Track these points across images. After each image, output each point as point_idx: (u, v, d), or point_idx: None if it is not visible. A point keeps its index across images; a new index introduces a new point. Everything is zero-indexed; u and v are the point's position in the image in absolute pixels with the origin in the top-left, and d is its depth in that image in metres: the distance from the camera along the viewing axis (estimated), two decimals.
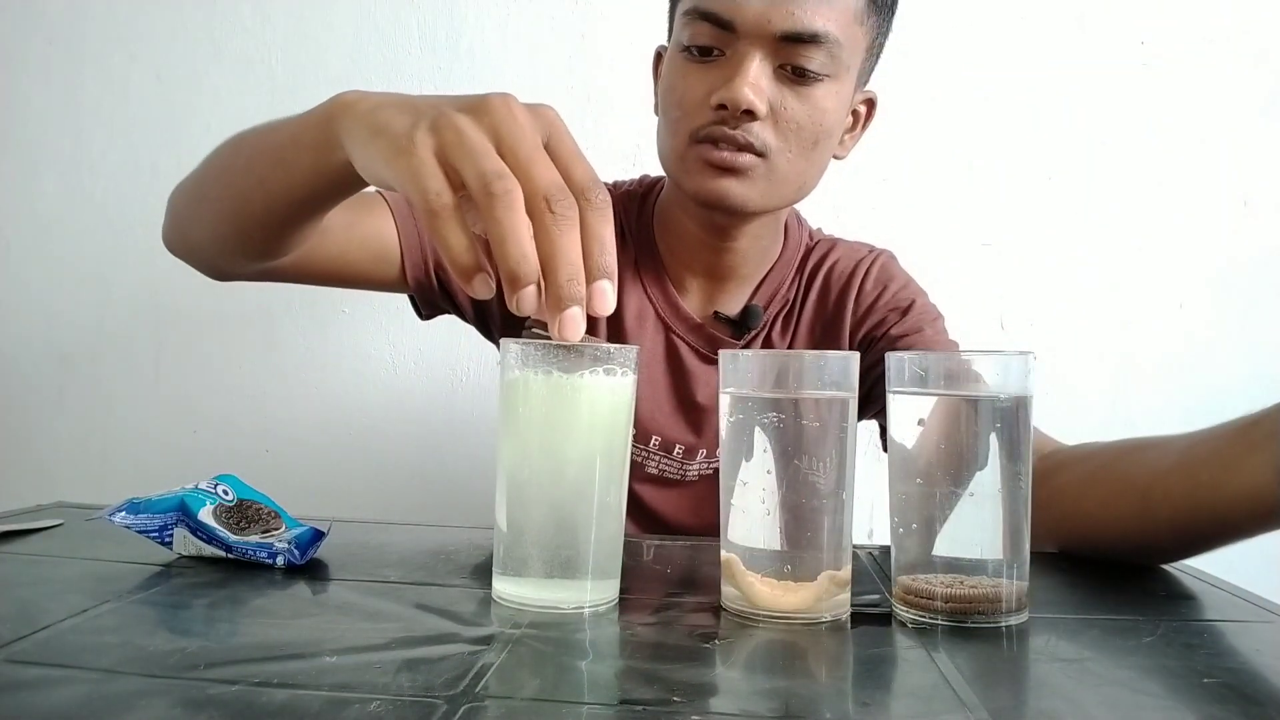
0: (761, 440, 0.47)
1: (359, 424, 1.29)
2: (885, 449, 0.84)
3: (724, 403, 0.50)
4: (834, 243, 0.92)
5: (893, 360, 0.50)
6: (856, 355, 0.49)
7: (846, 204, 1.27)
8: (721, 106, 0.72)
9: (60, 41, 1.37)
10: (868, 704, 0.37)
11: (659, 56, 0.85)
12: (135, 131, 1.35)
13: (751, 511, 0.48)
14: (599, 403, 0.48)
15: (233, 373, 1.34)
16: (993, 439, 0.47)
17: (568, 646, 0.43)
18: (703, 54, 0.74)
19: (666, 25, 0.83)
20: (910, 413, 0.49)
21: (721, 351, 0.50)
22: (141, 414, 1.35)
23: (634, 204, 0.90)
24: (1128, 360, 1.26)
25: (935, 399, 0.48)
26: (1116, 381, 1.27)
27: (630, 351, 0.50)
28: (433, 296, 0.85)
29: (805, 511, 0.47)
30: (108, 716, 0.33)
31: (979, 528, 0.47)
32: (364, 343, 1.30)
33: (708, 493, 0.87)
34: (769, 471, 0.47)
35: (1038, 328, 1.27)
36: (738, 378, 0.49)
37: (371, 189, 0.80)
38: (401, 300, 0.87)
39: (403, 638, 0.43)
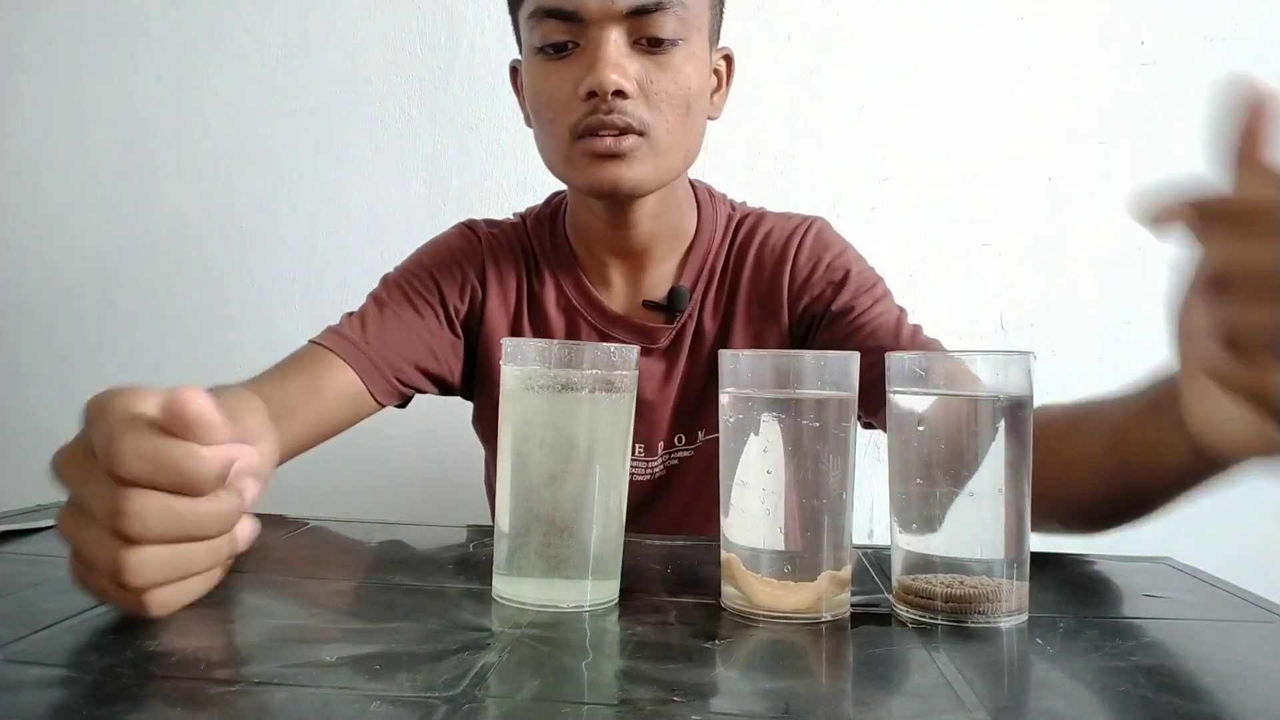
0: (761, 440, 0.47)
1: (359, 423, 1.29)
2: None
3: (724, 402, 0.50)
4: (763, 214, 0.90)
5: (893, 360, 0.50)
6: (856, 355, 0.49)
7: (847, 204, 1.27)
8: (592, 94, 0.72)
9: (60, 41, 1.37)
10: (868, 704, 0.37)
11: (515, 71, 0.85)
12: (135, 131, 1.35)
13: (751, 511, 0.48)
14: (600, 403, 0.48)
15: (233, 373, 1.34)
16: (993, 439, 0.47)
17: (568, 646, 0.43)
18: (558, 51, 0.74)
19: (514, 38, 0.82)
20: (910, 413, 0.49)
21: (721, 352, 0.50)
22: None
23: (544, 226, 0.90)
24: (1128, 360, 1.26)
25: (935, 399, 0.48)
26: (1116, 382, 1.26)
27: (630, 352, 0.50)
28: (406, 398, 0.87)
29: (805, 511, 0.47)
30: (108, 717, 0.33)
31: (979, 528, 0.47)
32: None
33: (666, 487, 0.87)
34: (769, 471, 0.47)
35: (1038, 328, 1.27)
36: (737, 378, 0.49)
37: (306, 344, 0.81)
38: None
39: (403, 637, 0.43)
